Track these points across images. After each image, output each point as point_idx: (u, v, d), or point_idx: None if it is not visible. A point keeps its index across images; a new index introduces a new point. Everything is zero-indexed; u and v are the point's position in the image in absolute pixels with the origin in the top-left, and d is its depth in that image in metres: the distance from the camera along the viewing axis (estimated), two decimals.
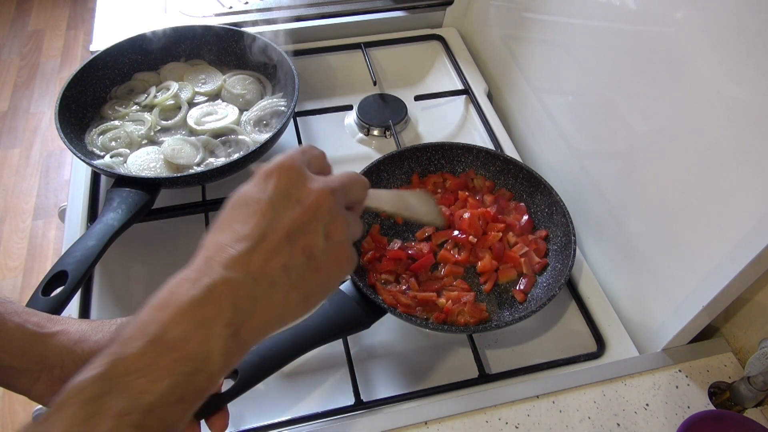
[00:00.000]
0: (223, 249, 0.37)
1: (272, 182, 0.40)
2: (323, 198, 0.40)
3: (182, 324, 0.34)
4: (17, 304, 0.50)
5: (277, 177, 0.40)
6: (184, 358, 0.34)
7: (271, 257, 0.37)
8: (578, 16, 0.79)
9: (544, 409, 0.64)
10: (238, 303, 0.36)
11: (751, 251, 0.55)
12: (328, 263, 0.40)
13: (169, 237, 0.82)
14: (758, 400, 0.63)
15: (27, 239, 1.97)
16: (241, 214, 0.39)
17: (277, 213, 0.39)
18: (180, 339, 0.34)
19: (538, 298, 0.72)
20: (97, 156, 0.83)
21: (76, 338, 0.49)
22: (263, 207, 0.39)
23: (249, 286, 0.36)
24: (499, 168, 0.84)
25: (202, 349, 0.34)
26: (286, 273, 0.38)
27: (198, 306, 0.35)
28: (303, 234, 0.39)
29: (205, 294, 0.35)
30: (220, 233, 0.39)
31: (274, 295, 0.37)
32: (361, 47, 1.07)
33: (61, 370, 0.49)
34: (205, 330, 0.35)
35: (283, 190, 0.39)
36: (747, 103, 0.54)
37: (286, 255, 0.38)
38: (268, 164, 0.41)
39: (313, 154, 0.44)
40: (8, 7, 2.85)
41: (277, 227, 0.38)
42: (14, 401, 1.60)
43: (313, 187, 0.40)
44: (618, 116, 0.72)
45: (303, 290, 0.39)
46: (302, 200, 0.39)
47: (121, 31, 0.95)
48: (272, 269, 0.37)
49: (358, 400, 0.65)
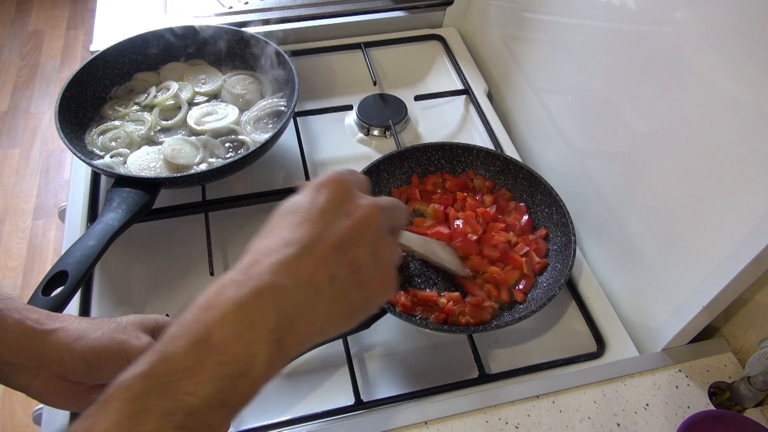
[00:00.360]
0: (271, 253, 0.37)
1: (324, 194, 0.40)
2: (372, 215, 0.40)
3: (228, 326, 0.34)
4: (17, 300, 0.51)
5: (329, 189, 0.40)
6: (229, 362, 0.34)
7: (319, 266, 0.37)
8: (578, 16, 0.79)
9: (544, 409, 0.64)
10: (284, 309, 0.35)
11: (751, 251, 0.55)
12: (372, 280, 0.40)
13: (169, 237, 0.82)
14: (758, 400, 0.63)
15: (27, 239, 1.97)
16: (290, 221, 0.39)
17: (327, 223, 0.39)
18: (225, 341, 0.34)
19: (538, 298, 0.72)
20: (97, 156, 0.83)
21: (75, 335, 0.50)
22: (314, 216, 0.39)
23: (295, 292, 0.36)
24: (499, 168, 0.84)
25: (246, 353, 0.34)
26: (332, 284, 0.38)
27: (244, 309, 0.34)
28: (351, 247, 0.39)
29: (251, 297, 0.35)
30: (268, 239, 0.38)
31: (319, 305, 0.37)
32: (361, 47, 1.07)
33: (60, 367, 0.49)
34: (251, 334, 0.34)
35: (334, 202, 0.40)
36: (747, 102, 0.54)
37: (333, 266, 0.38)
38: (319, 177, 0.41)
39: (359, 177, 0.44)
40: (8, 7, 2.85)
41: (326, 237, 0.38)
42: (14, 401, 1.60)
43: (363, 203, 0.41)
44: (618, 116, 0.72)
45: (347, 304, 0.39)
46: (352, 214, 0.40)
47: (121, 31, 0.95)
48: (319, 278, 0.37)
49: (358, 400, 0.65)
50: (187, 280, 0.77)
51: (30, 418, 1.51)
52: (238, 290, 0.35)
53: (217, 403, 0.33)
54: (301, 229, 0.38)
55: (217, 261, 0.78)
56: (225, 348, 0.33)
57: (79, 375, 0.50)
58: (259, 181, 0.88)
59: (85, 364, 0.49)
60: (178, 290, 0.76)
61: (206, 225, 0.80)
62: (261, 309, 0.35)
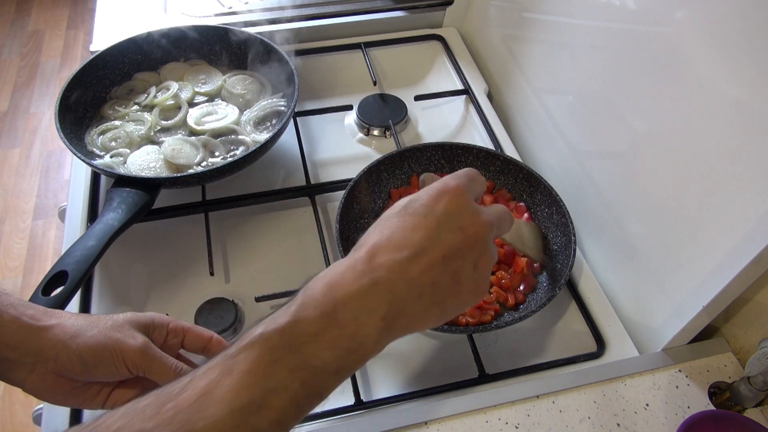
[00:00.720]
0: (388, 251, 0.41)
1: (443, 202, 0.43)
2: (483, 232, 0.44)
3: (351, 307, 0.39)
4: (14, 296, 0.51)
5: (449, 200, 0.43)
6: (349, 336, 0.38)
7: (426, 271, 0.41)
8: (578, 16, 0.79)
9: (544, 409, 0.64)
10: (394, 302, 0.40)
11: (751, 251, 0.55)
12: (467, 290, 0.44)
13: (169, 237, 0.82)
14: (758, 400, 0.63)
15: (27, 239, 1.97)
16: (407, 223, 0.42)
17: (441, 234, 0.42)
18: (347, 319, 0.38)
19: (538, 298, 0.72)
20: (97, 156, 0.83)
21: (72, 332, 0.50)
22: (430, 224, 0.42)
23: (403, 290, 0.40)
24: (499, 168, 0.84)
25: (362, 332, 0.39)
26: (434, 289, 0.42)
27: (365, 296, 0.39)
28: (457, 259, 0.42)
29: (370, 287, 0.39)
30: (383, 235, 0.42)
31: (420, 304, 0.41)
32: (361, 47, 1.07)
33: (56, 364, 0.49)
34: (367, 317, 0.39)
35: (451, 214, 0.43)
36: (747, 103, 0.54)
37: (437, 273, 0.41)
38: (442, 183, 0.45)
39: (478, 181, 0.48)
40: (8, 7, 2.85)
41: (437, 247, 0.42)
42: (14, 401, 1.60)
43: (477, 219, 0.44)
44: (618, 116, 0.72)
45: (442, 307, 0.43)
46: (465, 229, 0.43)
47: (121, 31, 0.95)
48: (424, 282, 0.41)
49: (358, 400, 0.65)
50: (187, 280, 0.77)
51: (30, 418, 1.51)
52: (359, 278, 0.39)
53: (333, 369, 0.38)
54: (417, 233, 0.42)
55: (217, 261, 0.78)
56: (347, 324, 0.38)
57: (74, 372, 0.50)
58: (259, 181, 0.88)
59: (80, 361, 0.49)
60: (178, 290, 0.76)
61: (206, 225, 0.80)
62: (377, 299, 0.39)
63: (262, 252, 0.81)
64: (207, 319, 0.70)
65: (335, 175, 0.89)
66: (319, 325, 0.38)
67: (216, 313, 0.71)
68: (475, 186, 0.47)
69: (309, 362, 0.37)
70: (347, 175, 0.82)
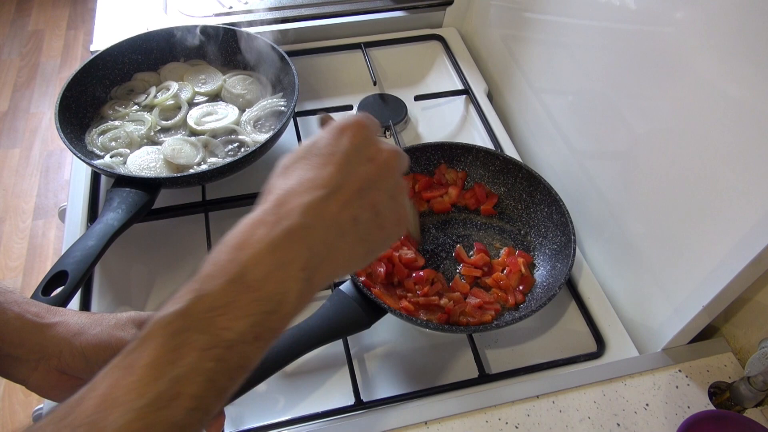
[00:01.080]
0: (298, 194, 0.38)
1: (347, 137, 0.41)
2: (393, 159, 0.42)
3: (262, 266, 0.35)
4: (17, 294, 0.51)
5: (353, 132, 0.41)
6: (263, 298, 0.35)
7: (344, 208, 0.39)
8: (578, 16, 0.79)
9: (544, 409, 0.64)
10: (312, 248, 0.37)
11: (751, 251, 0.55)
12: (390, 221, 0.42)
13: (169, 237, 0.82)
14: (758, 400, 0.63)
15: (27, 239, 1.97)
16: (314, 163, 0.40)
17: (352, 167, 0.40)
18: (260, 279, 0.35)
19: (538, 297, 0.72)
20: (97, 156, 0.83)
21: (75, 330, 0.50)
22: (339, 159, 0.40)
23: (323, 233, 0.38)
24: (499, 168, 0.84)
25: (279, 290, 0.36)
26: (355, 225, 0.39)
27: (277, 249, 0.36)
28: (373, 190, 0.40)
29: (283, 237, 0.36)
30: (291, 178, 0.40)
31: (343, 244, 0.39)
32: (361, 47, 1.07)
33: (59, 361, 0.49)
34: (283, 272, 0.36)
35: (357, 146, 0.41)
36: (747, 102, 0.54)
37: (356, 208, 0.39)
38: (342, 120, 0.42)
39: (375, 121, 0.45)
40: (8, 7, 2.85)
41: (351, 181, 0.39)
42: (14, 401, 1.60)
43: (384, 147, 0.42)
44: (618, 116, 0.72)
45: (367, 243, 0.41)
46: (374, 158, 0.41)
47: (121, 31, 0.95)
48: (343, 220, 0.39)
49: (358, 400, 0.65)
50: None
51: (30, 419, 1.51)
52: (270, 230, 0.36)
53: (252, 337, 0.35)
54: (326, 170, 0.39)
55: None
56: (259, 286, 0.35)
57: (77, 370, 0.50)
58: (259, 181, 0.87)
59: (83, 359, 0.50)
60: None
61: (206, 225, 0.80)
62: (292, 249, 0.36)
63: None
64: None
65: None
66: (227, 295, 0.35)
67: None
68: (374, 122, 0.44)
69: (222, 337, 0.34)
70: None
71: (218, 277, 0.35)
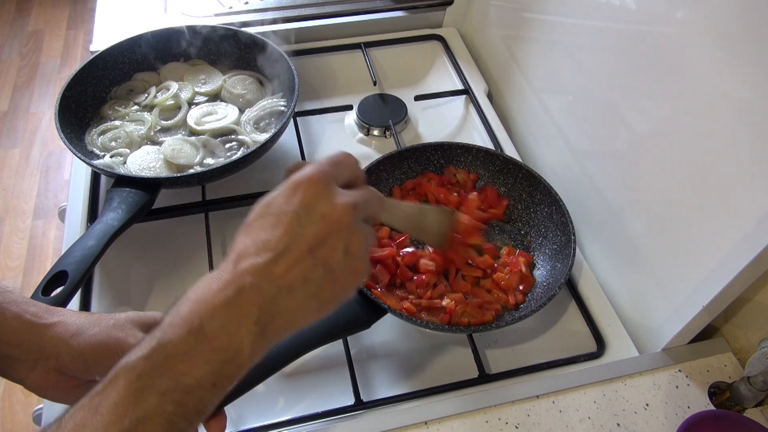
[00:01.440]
0: (251, 255, 0.40)
1: (299, 195, 0.42)
2: (345, 214, 0.42)
3: (218, 319, 0.38)
4: (16, 293, 0.51)
5: (304, 190, 0.42)
6: (220, 349, 0.38)
7: (293, 268, 0.40)
8: (578, 16, 0.79)
9: (544, 409, 0.64)
10: (263, 306, 0.39)
11: (751, 251, 0.55)
12: (344, 275, 0.42)
13: (169, 237, 0.82)
14: (758, 400, 0.63)
15: (27, 239, 1.97)
16: (267, 222, 0.41)
17: (302, 227, 0.41)
18: (216, 332, 0.38)
19: (538, 297, 0.72)
20: (97, 156, 0.83)
21: (74, 330, 0.50)
22: (289, 219, 0.41)
23: (272, 292, 0.40)
24: (498, 168, 0.84)
25: (234, 342, 0.38)
26: (305, 283, 0.40)
27: (231, 305, 0.39)
28: (324, 248, 0.41)
29: (235, 296, 0.39)
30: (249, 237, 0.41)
31: (292, 301, 0.40)
32: (361, 47, 1.07)
33: (57, 361, 0.49)
34: (237, 326, 0.39)
35: (308, 205, 0.41)
36: (747, 102, 0.54)
37: (306, 267, 0.40)
38: (298, 175, 0.43)
39: (346, 164, 0.46)
40: (8, 7, 2.85)
41: (300, 241, 0.40)
42: (14, 401, 1.59)
43: (337, 202, 0.42)
44: (618, 116, 0.72)
45: (319, 299, 0.42)
46: (326, 216, 0.41)
47: (121, 31, 0.95)
48: (293, 279, 0.40)
49: (358, 400, 0.65)
50: (187, 280, 0.76)
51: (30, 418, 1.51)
52: (225, 288, 0.39)
53: (209, 383, 0.38)
54: (277, 231, 0.41)
55: (217, 261, 0.78)
56: (216, 337, 0.38)
57: (75, 370, 0.50)
58: (259, 181, 0.88)
59: (81, 359, 0.50)
60: (178, 290, 0.75)
61: (206, 225, 0.80)
62: (245, 306, 0.39)
63: None
64: None
65: None
66: (187, 344, 0.38)
67: None
68: (340, 170, 0.45)
69: (181, 382, 0.37)
70: None
71: (179, 327, 0.38)
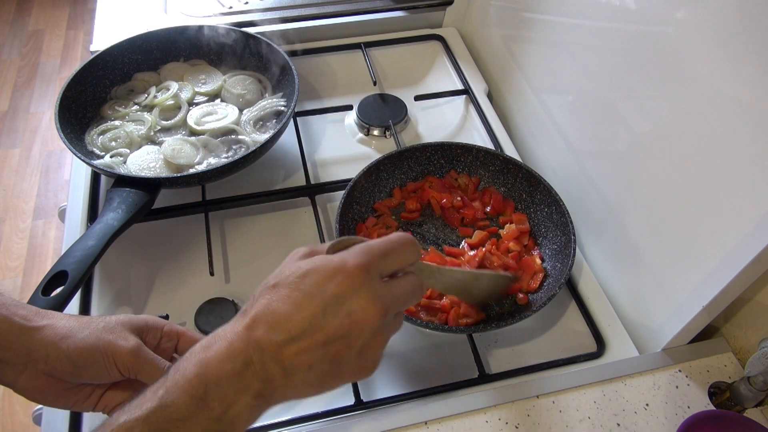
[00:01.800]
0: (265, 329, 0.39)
1: (335, 283, 0.40)
2: (374, 319, 0.41)
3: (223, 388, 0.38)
4: (5, 296, 0.50)
5: (341, 281, 0.40)
6: (218, 418, 0.38)
7: (300, 355, 0.40)
8: (578, 16, 0.79)
9: (544, 409, 0.64)
10: (267, 381, 0.40)
11: (751, 251, 0.55)
12: (349, 372, 0.42)
13: (169, 237, 0.82)
14: (758, 400, 0.63)
15: (27, 239, 1.97)
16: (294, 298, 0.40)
17: (326, 318, 0.40)
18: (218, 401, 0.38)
19: (538, 297, 0.72)
20: (97, 156, 0.83)
21: (63, 333, 0.50)
22: (316, 306, 0.40)
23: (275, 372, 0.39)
24: (498, 168, 0.84)
25: (232, 413, 0.39)
26: (309, 371, 0.40)
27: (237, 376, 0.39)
28: (338, 345, 0.40)
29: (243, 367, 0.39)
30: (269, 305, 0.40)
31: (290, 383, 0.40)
32: (361, 47, 1.07)
33: (46, 365, 0.49)
34: (239, 397, 0.39)
35: (339, 297, 0.40)
36: (747, 103, 0.54)
37: (315, 358, 0.40)
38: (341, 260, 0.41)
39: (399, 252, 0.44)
40: (8, 7, 2.85)
41: (318, 332, 0.40)
42: (14, 401, 1.60)
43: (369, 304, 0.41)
44: (618, 116, 0.72)
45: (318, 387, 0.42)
46: (352, 314, 0.40)
47: (121, 31, 0.95)
48: (298, 364, 0.40)
49: (358, 400, 0.65)
50: (187, 280, 0.77)
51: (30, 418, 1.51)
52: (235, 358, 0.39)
53: None
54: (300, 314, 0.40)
55: (217, 261, 0.78)
56: (216, 406, 0.38)
57: (65, 373, 0.50)
58: (259, 181, 0.88)
59: (70, 363, 0.49)
60: (178, 290, 0.76)
61: (206, 225, 0.80)
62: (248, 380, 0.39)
63: (262, 252, 0.81)
64: (207, 319, 0.70)
65: (335, 175, 0.89)
66: (187, 410, 0.38)
67: (216, 313, 0.71)
68: (390, 260, 0.43)
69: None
70: (347, 175, 0.82)
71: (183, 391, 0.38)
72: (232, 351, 0.39)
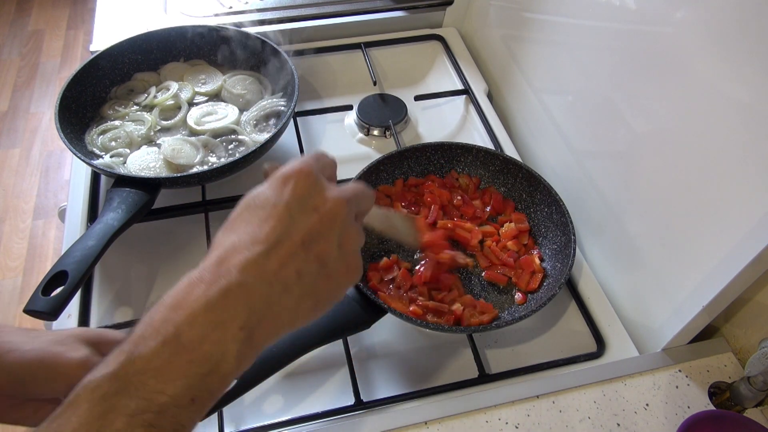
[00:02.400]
0: (238, 251, 0.37)
1: (290, 187, 0.39)
2: (339, 207, 0.40)
3: (198, 326, 0.34)
4: None
5: (295, 182, 0.40)
6: (199, 360, 0.34)
7: (286, 262, 0.37)
8: (578, 16, 0.79)
9: (544, 409, 0.64)
10: (253, 306, 0.36)
11: (751, 251, 0.55)
12: (339, 272, 0.40)
13: (169, 237, 0.82)
14: (758, 400, 0.63)
15: (27, 239, 1.97)
16: (256, 216, 0.39)
17: (294, 219, 0.38)
18: (195, 341, 0.34)
19: (538, 297, 0.72)
20: (97, 156, 0.83)
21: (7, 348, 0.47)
22: (280, 212, 0.38)
23: (263, 290, 0.36)
24: (498, 168, 0.84)
25: (216, 351, 0.34)
26: (300, 279, 0.38)
27: (213, 309, 0.35)
28: (318, 242, 0.39)
29: (220, 297, 0.35)
30: (234, 234, 0.38)
31: (287, 300, 0.38)
32: (361, 47, 1.07)
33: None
34: (221, 332, 0.35)
35: (300, 196, 0.39)
36: (746, 103, 0.54)
37: (300, 261, 0.38)
38: (286, 168, 0.41)
39: (326, 162, 0.44)
40: (8, 7, 2.85)
41: (293, 233, 0.38)
42: None
43: (330, 195, 0.40)
44: (618, 116, 0.72)
45: (314, 297, 0.39)
46: (319, 208, 0.39)
47: (121, 31, 0.95)
48: (286, 274, 0.37)
49: (358, 400, 0.65)
50: None
51: None
52: (207, 289, 0.35)
53: (187, 400, 0.33)
54: (267, 224, 0.38)
55: None
56: (195, 347, 0.34)
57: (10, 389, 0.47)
58: (259, 181, 0.87)
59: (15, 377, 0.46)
60: None
61: (206, 225, 0.80)
62: (230, 308, 0.35)
63: None
64: None
65: None
66: (160, 357, 0.33)
67: None
68: (323, 166, 0.42)
69: (154, 401, 0.32)
70: (347, 175, 0.82)
71: (151, 338, 0.34)
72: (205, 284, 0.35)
